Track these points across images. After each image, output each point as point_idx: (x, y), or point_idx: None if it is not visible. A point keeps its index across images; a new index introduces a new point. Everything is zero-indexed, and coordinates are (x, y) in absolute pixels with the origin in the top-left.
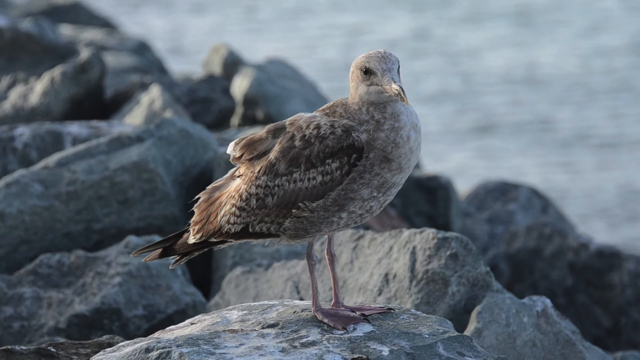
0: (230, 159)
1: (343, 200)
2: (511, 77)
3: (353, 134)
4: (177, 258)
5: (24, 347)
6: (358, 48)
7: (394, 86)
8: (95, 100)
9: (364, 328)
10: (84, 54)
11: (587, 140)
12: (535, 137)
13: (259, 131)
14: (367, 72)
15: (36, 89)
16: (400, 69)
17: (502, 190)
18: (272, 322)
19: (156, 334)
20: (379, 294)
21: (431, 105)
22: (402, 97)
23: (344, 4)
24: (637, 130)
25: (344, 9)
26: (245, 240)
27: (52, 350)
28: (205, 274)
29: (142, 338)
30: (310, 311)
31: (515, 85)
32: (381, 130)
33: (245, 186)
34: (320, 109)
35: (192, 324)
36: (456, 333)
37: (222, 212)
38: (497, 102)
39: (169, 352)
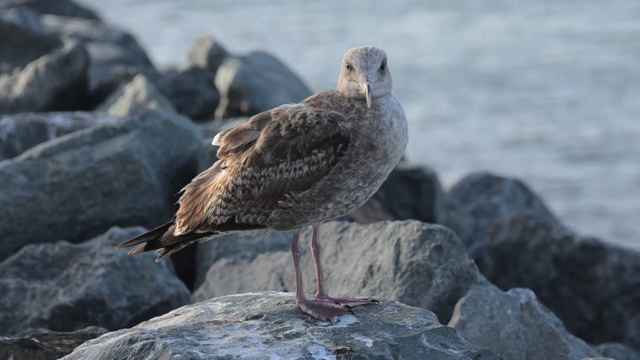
0: (217, 154)
1: (329, 190)
2: None
3: (339, 124)
4: (163, 251)
5: (7, 338)
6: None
7: (364, 85)
8: (79, 92)
9: (348, 320)
10: (68, 45)
11: None
12: None
13: (244, 123)
14: (349, 67)
15: (20, 80)
16: (386, 65)
17: (487, 183)
18: (256, 313)
19: (140, 325)
20: (363, 286)
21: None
22: (365, 96)
23: None
24: None
25: None
26: (231, 232)
27: (36, 341)
28: (189, 266)
29: (126, 329)
30: (295, 303)
31: None
32: (364, 119)
33: (232, 177)
34: (306, 100)
35: (176, 315)
36: (440, 325)
37: (209, 204)
38: None
39: (152, 343)
